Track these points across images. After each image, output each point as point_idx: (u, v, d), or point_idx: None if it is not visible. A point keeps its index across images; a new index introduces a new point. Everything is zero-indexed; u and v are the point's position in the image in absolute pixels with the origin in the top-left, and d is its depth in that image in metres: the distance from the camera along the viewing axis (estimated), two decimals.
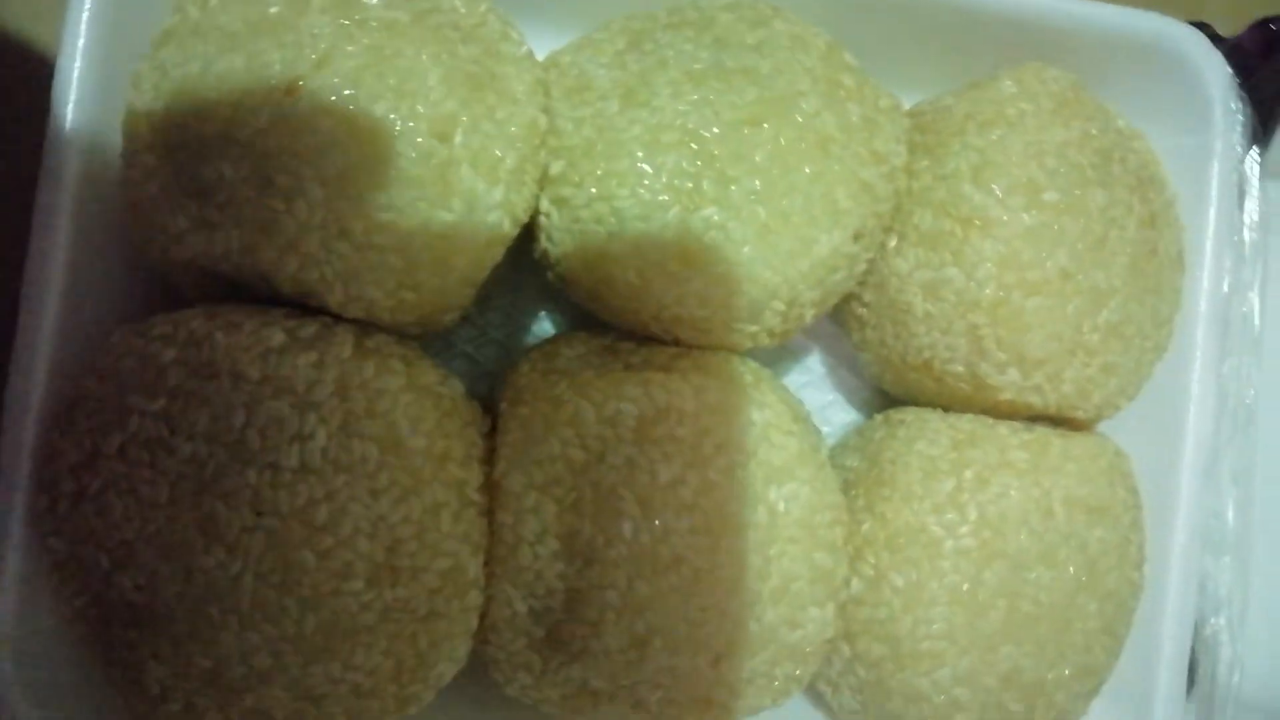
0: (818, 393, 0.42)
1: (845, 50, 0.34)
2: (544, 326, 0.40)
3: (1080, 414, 0.35)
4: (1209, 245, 0.39)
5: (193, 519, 0.28)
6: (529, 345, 0.39)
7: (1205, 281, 0.39)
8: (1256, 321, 0.40)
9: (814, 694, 0.37)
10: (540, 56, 0.34)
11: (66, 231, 0.31)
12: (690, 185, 0.30)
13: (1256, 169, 0.40)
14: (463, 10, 0.31)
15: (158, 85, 0.30)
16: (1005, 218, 0.32)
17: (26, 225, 0.31)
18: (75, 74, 0.31)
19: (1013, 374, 0.33)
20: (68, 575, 0.30)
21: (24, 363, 0.31)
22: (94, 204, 0.32)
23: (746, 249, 0.30)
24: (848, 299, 0.36)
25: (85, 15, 0.32)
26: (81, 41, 0.32)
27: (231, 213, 0.29)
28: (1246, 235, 0.40)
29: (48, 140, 0.31)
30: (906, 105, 0.39)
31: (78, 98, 0.32)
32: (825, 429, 0.42)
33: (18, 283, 0.31)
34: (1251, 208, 0.40)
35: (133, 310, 0.34)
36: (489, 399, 0.36)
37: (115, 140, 0.31)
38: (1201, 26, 0.41)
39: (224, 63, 0.29)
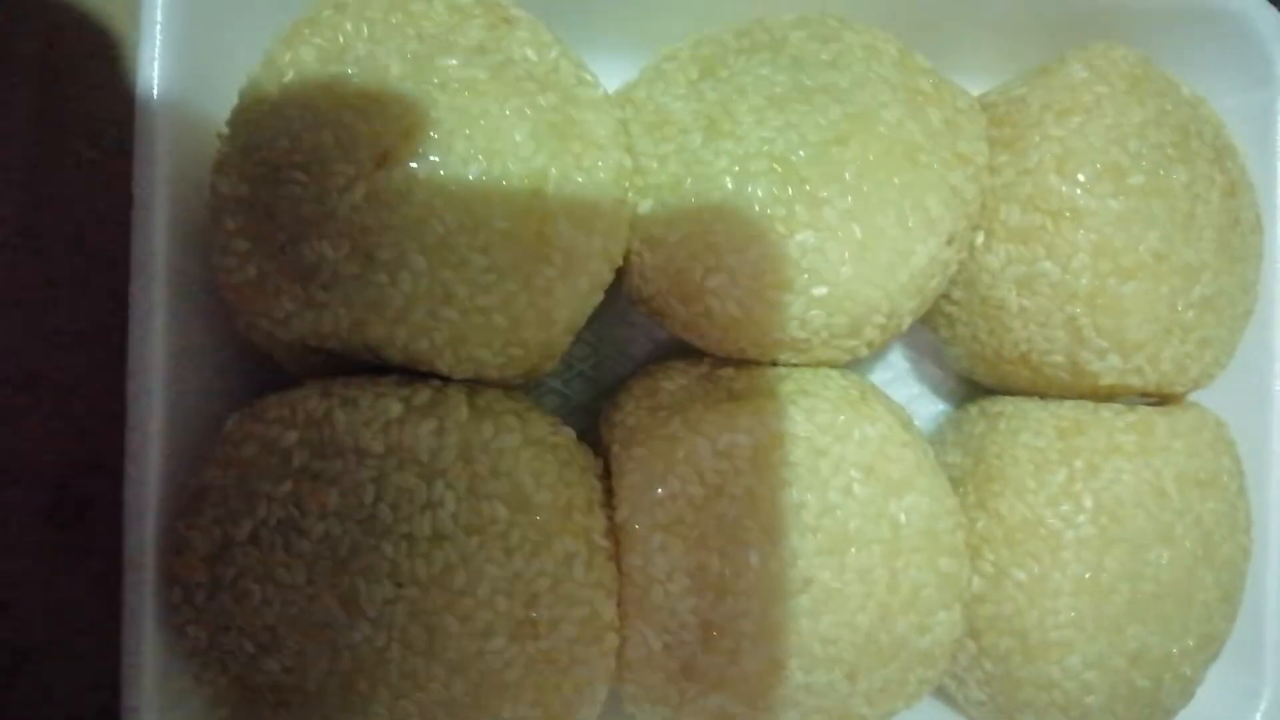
0: (903, 387, 0.42)
1: (916, 53, 0.34)
2: (629, 355, 0.40)
3: (1179, 389, 0.35)
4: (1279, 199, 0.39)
5: (334, 597, 0.28)
6: (620, 378, 0.39)
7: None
8: None
9: (938, 689, 0.38)
10: (603, 80, 0.34)
11: (164, 320, 0.31)
12: (784, 211, 0.30)
13: None
14: (535, 58, 0.31)
15: (242, 168, 0.30)
16: (1094, 206, 0.32)
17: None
18: (157, 160, 0.31)
19: (1113, 359, 0.33)
20: (210, 661, 0.30)
21: (138, 454, 0.31)
22: (188, 288, 0.32)
23: (845, 269, 0.30)
24: (937, 299, 0.35)
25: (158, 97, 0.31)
26: (159, 124, 0.31)
27: (337, 291, 0.29)
28: None
29: (135, 226, 0.31)
30: (973, 94, 0.39)
31: (163, 176, 0.31)
32: (915, 423, 0.42)
33: (121, 372, 0.31)
34: None
35: (235, 385, 0.34)
36: (586, 433, 0.36)
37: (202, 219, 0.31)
38: None
39: (310, 139, 0.29)
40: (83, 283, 0.36)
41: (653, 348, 0.40)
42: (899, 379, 0.42)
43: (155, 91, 0.31)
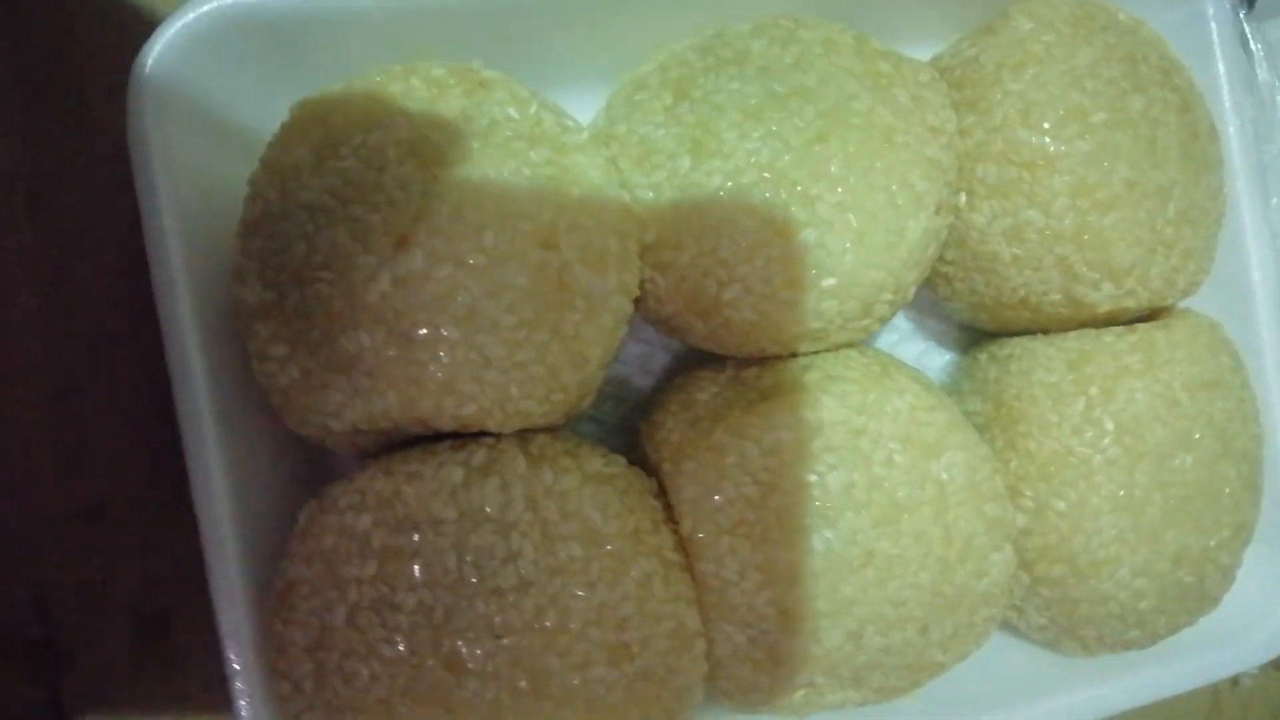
0: (911, 345, 0.44)
1: (869, 37, 0.35)
2: (650, 370, 0.41)
3: (1169, 300, 0.37)
4: (1227, 101, 0.41)
5: (438, 661, 0.30)
6: (645, 391, 0.41)
7: (1232, 135, 0.41)
8: None
9: (1001, 621, 0.40)
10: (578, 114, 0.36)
11: (214, 433, 0.32)
12: (782, 215, 0.32)
13: (1248, 19, 0.42)
14: (517, 116, 0.32)
15: (263, 275, 0.31)
16: (1064, 150, 0.34)
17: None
18: (177, 282, 0.32)
19: (1107, 287, 0.35)
20: None
21: (217, 563, 0.32)
22: (231, 393, 0.33)
23: (848, 258, 0.32)
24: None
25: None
26: (170, 245, 0.32)
27: (382, 377, 0.30)
28: (1260, 77, 0.42)
29: (170, 353, 0.32)
30: (925, 58, 0.41)
31: (185, 298, 0.32)
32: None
33: (185, 483, 0.32)
34: (1258, 51, 0.42)
35: (293, 471, 0.35)
36: (628, 453, 0.37)
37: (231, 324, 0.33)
38: None
39: (325, 238, 0.30)
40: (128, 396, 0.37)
41: (670, 359, 0.41)
42: (905, 339, 0.44)
43: (163, 219, 0.32)
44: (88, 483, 0.36)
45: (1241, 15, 0.42)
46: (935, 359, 0.44)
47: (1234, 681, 0.49)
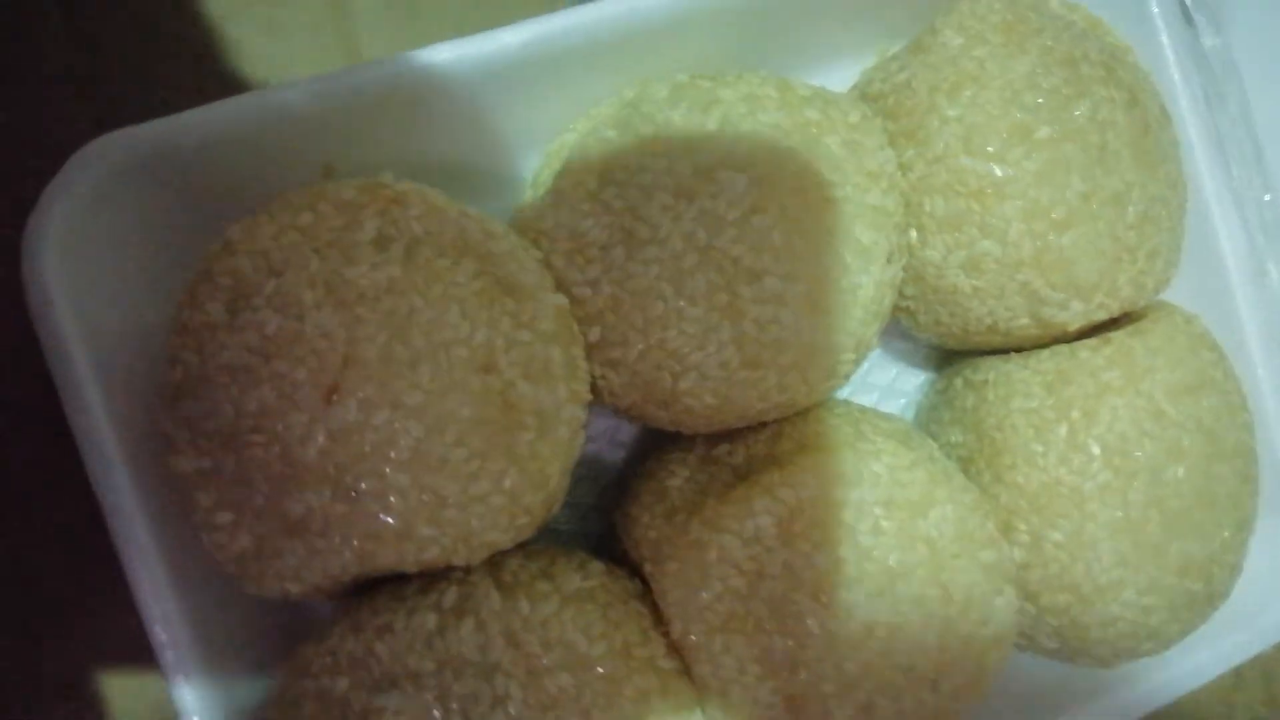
0: (882, 372, 0.42)
1: (792, 81, 0.33)
2: (619, 442, 0.40)
3: (1141, 304, 0.36)
4: (1175, 74, 0.40)
5: None
6: (616, 466, 0.39)
7: (1185, 109, 0.40)
8: (1247, 126, 0.40)
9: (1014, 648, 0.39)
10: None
11: (176, 609, 0.31)
12: (727, 297, 0.30)
13: None
14: (435, 228, 0.30)
15: (194, 442, 0.29)
16: (1012, 173, 0.32)
17: None
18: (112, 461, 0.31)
19: (1075, 306, 0.34)
20: None
21: None
22: (184, 565, 0.32)
23: (804, 328, 0.30)
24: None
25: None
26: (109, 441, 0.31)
27: (335, 533, 0.28)
28: (1205, 42, 0.41)
29: (115, 531, 0.31)
30: (850, 75, 0.39)
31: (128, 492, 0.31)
32: (901, 400, 0.43)
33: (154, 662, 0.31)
34: (1199, 17, 0.40)
35: (266, 630, 0.34)
36: (603, 537, 0.36)
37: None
38: None
39: (251, 398, 0.28)
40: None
41: (638, 431, 0.40)
42: (876, 366, 0.42)
43: (82, 383, 0.31)
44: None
45: None
46: (909, 381, 0.43)
47: None
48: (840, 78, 0.39)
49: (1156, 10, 0.39)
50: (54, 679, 0.37)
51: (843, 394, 0.40)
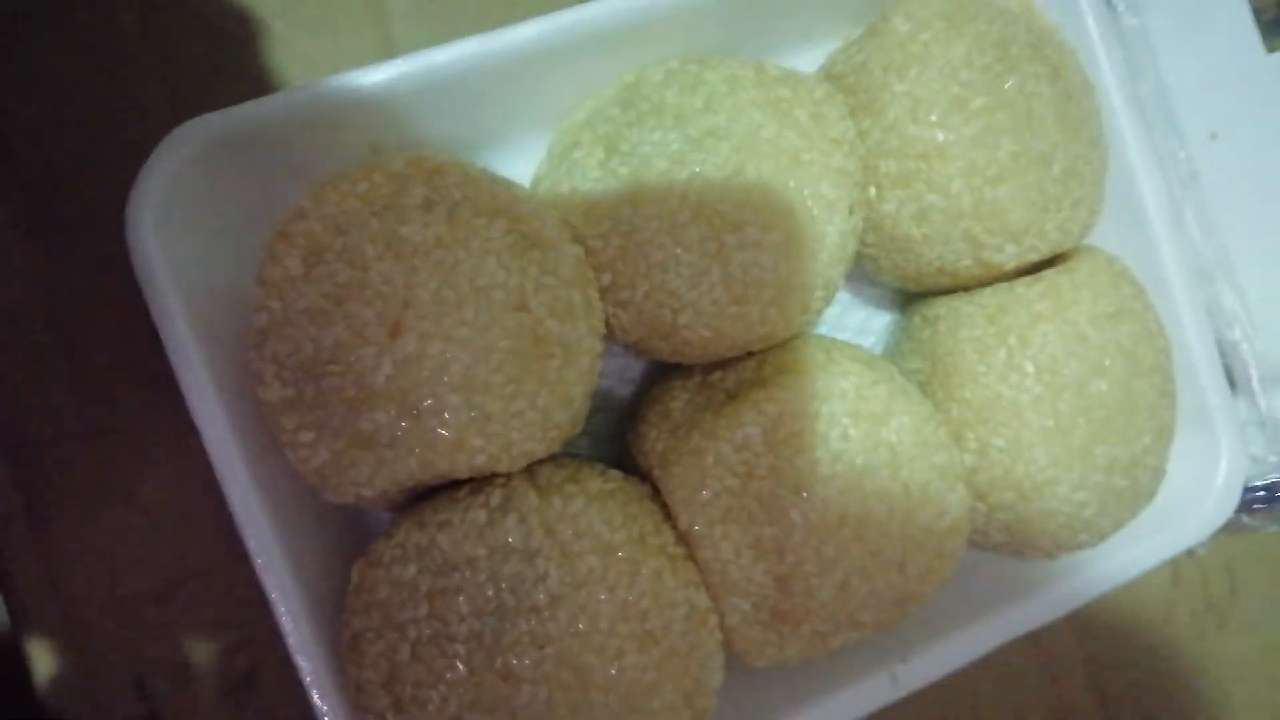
0: (853, 314, 0.49)
1: (767, 63, 0.39)
2: (630, 379, 0.46)
3: (1068, 246, 0.42)
4: (1099, 49, 0.45)
5: (495, 676, 0.35)
6: (626, 400, 0.46)
7: (1109, 79, 0.45)
8: (1160, 92, 0.47)
9: (971, 543, 0.45)
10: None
11: (264, 512, 0.37)
12: (716, 245, 0.36)
13: None
14: (471, 193, 0.36)
15: (279, 374, 0.35)
16: (952, 138, 0.39)
17: None
18: (207, 390, 0.37)
19: (1010, 248, 0.40)
20: None
21: (292, 627, 0.37)
22: (271, 477, 0.38)
23: (780, 269, 0.37)
24: (858, 248, 0.42)
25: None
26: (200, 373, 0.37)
27: (400, 447, 0.34)
28: (1125, 22, 0.47)
29: (211, 451, 0.37)
30: (818, 57, 0.45)
31: (216, 399, 0.37)
32: (870, 338, 0.49)
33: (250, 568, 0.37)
34: (1120, 3, 0.46)
35: (334, 529, 0.40)
36: (624, 459, 0.42)
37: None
38: None
39: (329, 337, 0.34)
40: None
41: (645, 366, 0.46)
42: (847, 309, 0.49)
43: (179, 328, 0.37)
44: (162, 568, 0.41)
45: None
46: (877, 321, 0.49)
47: (1189, 552, 0.55)
48: (809, 59, 0.45)
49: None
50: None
51: (820, 333, 0.46)
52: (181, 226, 0.38)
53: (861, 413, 0.38)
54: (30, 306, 0.42)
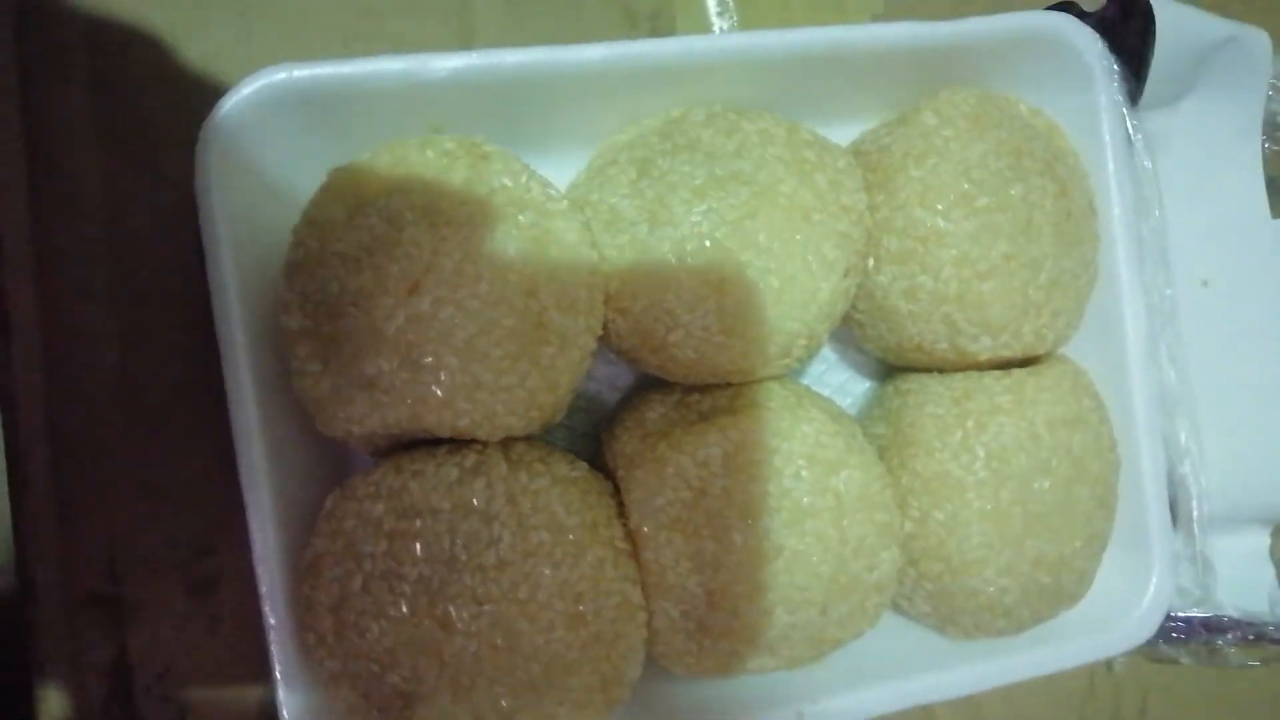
0: (836, 373, 0.52)
1: (801, 126, 0.43)
2: (617, 387, 0.49)
3: (1041, 351, 0.45)
4: (1113, 182, 0.48)
5: (433, 621, 0.37)
6: (609, 405, 0.49)
7: (1116, 211, 0.48)
8: (1161, 230, 0.50)
9: (894, 606, 0.48)
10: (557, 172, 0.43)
11: (260, 436, 0.40)
12: (717, 277, 0.39)
13: (1133, 109, 0.50)
14: (510, 184, 0.40)
15: (303, 308, 0.39)
16: (952, 228, 0.42)
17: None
18: (234, 311, 0.40)
19: (985, 340, 0.43)
20: (343, 683, 0.39)
21: (260, 538, 0.40)
22: (274, 403, 0.41)
23: (770, 311, 0.40)
24: (848, 311, 0.45)
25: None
26: (229, 279, 0.40)
27: (395, 394, 0.38)
28: (1138, 162, 0.50)
29: (225, 366, 0.40)
30: (850, 133, 0.49)
31: (238, 314, 0.40)
32: (847, 400, 0.52)
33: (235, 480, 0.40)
34: (1138, 139, 0.50)
35: (321, 469, 0.43)
36: (595, 457, 0.45)
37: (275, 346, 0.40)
38: (1069, 7, 0.50)
39: (354, 280, 0.38)
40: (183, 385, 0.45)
41: (634, 380, 0.49)
42: (831, 369, 0.52)
43: (221, 252, 0.40)
44: (151, 463, 0.44)
45: (1126, 107, 0.49)
46: (857, 386, 0.52)
47: (1108, 667, 0.57)
48: (844, 133, 0.49)
49: (1105, 127, 0.49)
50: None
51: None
52: (243, 161, 0.41)
53: (817, 458, 0.41)
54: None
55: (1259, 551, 0.56)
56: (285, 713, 0.40)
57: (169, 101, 0.46)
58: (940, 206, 0.42)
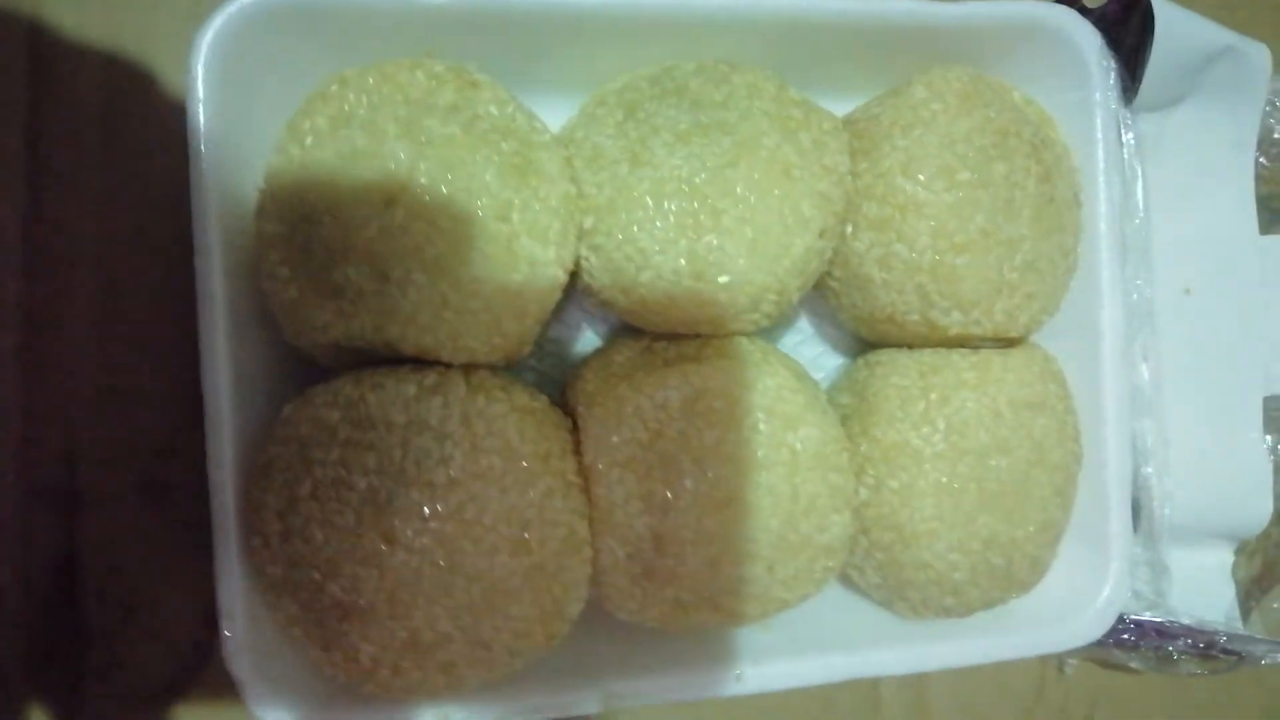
0: (809, 348, 0.52)
1: (790, 86, 0.43)
2: (587, 336, 0.50)
3: (1013, 334, 0.45)
4: (1101, 179, 0.48)
5: (378, 533, 0.38)
6: (581, 354, 0.49)
7: (1103, 208, 0.48)
8: (1146, 233, 0.50)
9: (845, 578, 0.48)
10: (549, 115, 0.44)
11: (225, 339, 0.40)
12: (691, 221, 0.40)
13: (1127, 109, 0.50)
14: (496, 113, 0.40)
15: (279, 214, 0.39)
16: (931, 199, 0.42)
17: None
18: (210, 214, 0.40)
19: (956, 315, 0.43)
20: (284, 591, 0.39)
21: (215, 440, 0.40)
22: (243, 309, 0.41)
23: (742, 261, 0.40)
24: (823, 277, 0.45)
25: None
26: (209, 184, 0.40)
27: (361, 304, 0.38)
28: (1128, 163, 0.50)
29: (198, 268, 0.40)
30: (844, 108, 0.49)
31: (216, 225, 0.40)
32: (820, 374, 0.52)
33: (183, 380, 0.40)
34: (1130, 140, 0.50)
35: (284, 381, 0.43)
36: (560, 399, 0.46)
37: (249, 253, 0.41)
38: (1071, 1, 0.50)
39: (331, 191, 0.38)
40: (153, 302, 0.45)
41: (605, 329, 0.50)
42: (806, 341, 0.52)
43: (204, 157, 0.40)
44: (117, 365, 0.45)
45: (1119, 107, 0.49)
46: (831, 361, 0.52)
47: (1060, 669, 0.57)
48: (838, 109, 0.49)
49: (1099, 124, 0.49)
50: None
51: None
52: (235, 72, 0.41)
53: (776, 411, 0.41)
54: None
55: (1222, 567, 0.56)
56: (225, 619, 0.40)
57: (169, 9, 0.46)
58: (922, 177, 0.42)
